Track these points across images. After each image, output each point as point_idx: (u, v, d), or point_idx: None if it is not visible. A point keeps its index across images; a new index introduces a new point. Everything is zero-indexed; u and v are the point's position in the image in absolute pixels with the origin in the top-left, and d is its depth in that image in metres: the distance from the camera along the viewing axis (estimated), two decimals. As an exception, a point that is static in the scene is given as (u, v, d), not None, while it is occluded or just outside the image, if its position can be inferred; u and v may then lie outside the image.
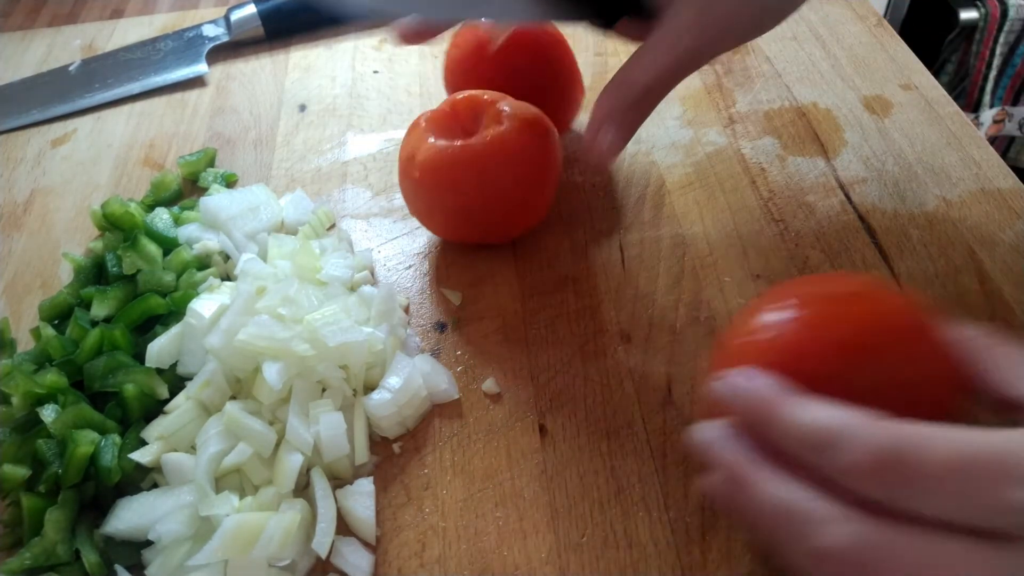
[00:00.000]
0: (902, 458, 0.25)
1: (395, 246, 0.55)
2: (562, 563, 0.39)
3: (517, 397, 0.46)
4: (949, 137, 0.58)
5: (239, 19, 0.73)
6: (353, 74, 0.70)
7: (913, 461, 0.25)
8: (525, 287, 0.51)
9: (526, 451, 0.43)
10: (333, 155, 0.62)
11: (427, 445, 0.44)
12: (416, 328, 0.50)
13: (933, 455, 0.25)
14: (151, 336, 0.46)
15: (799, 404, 0.28)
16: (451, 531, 0.40)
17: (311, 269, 0.49)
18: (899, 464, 0.25)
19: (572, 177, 0.58)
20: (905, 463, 0.25)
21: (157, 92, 0.70)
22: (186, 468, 0.41)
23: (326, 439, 0.41)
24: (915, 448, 0.25)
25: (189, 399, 0.43)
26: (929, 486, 0.25)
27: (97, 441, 0.42)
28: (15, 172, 0.64)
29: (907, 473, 0.25)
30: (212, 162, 0.62)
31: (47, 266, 0.57)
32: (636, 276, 0.51)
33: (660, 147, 0.60)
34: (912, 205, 0.54)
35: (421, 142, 0.48)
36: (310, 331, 0.43)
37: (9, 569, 0.39)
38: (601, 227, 0.54)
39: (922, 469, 0.25)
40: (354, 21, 0.75)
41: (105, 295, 0.49)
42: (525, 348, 0.48)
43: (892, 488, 0.25)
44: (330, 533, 0.39)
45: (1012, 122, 1.33)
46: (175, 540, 0.39)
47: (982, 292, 0.48)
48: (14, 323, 0.53)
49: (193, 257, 0.52)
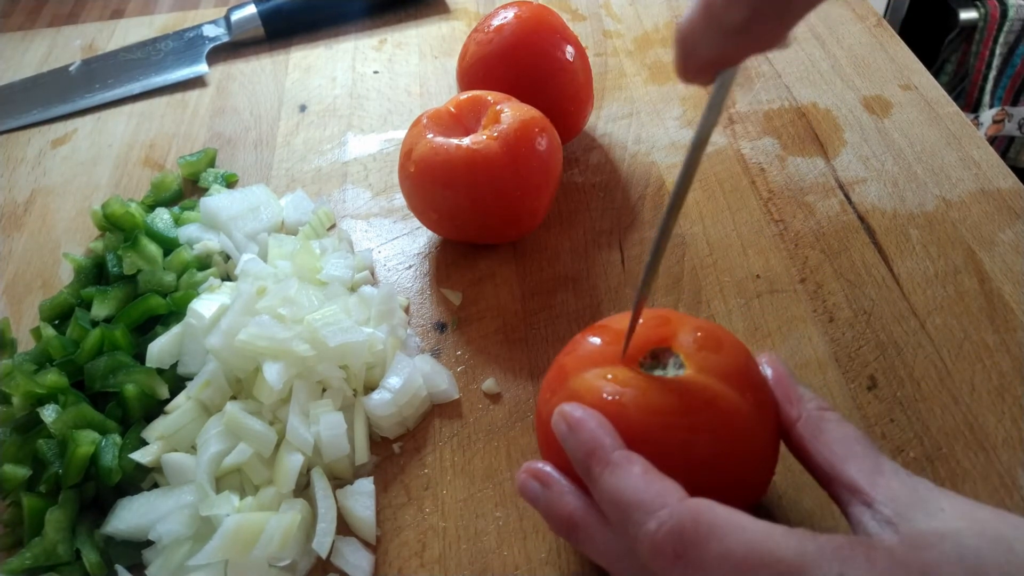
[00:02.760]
0: (693, 545, 0.26)
1: (395, 246, 0.55)
2: (562, 563, 0.39)
3: (517, 397, 0.46)
4: (949, 137, 0.58)
5: (239, 19, 0.73)
6: (353, 74, 0.70)
7: (701, 552, 0.26)
8: (525, 287, 0.51)
9: (526, 451, 0.43)
10: (333, 155, 0.63)
11: (427, 445, 0.44)
12: (416, 328, 0.50)
13: (722, 548, 0.26)
14: (151, 336, 0.46)
15: (614, 467, 0.29)
16: (451, 531, 0.40)
17: (311, 269, 0.49)
18: (688, 551, 0.26)
19: (572, 177, 0.58)
20: (694, 551, 0.26)
21: (157, 92, 0.70)
22: (186, 468, 0.41)
23: (326, 439, 0.41)
24: (706, 537, 0.26)
25: (189, 399, 0.43)
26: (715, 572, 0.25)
27: (97, 441, 0.42)
28: (15, 172, 0.64)
29: (694, 562, 0.26)
30: (212, 162, 0.62)
31: (47, 266, 0.57)
32: (636, 276, 0.51)
33: (660, 147, 0.60)
34: (912, 205, 0.54)
35: (420, 139, 0.48)
36: (310, 331, 0.43)
37: (9, 569, 0.39)
38: (601, 227, 0.54)
39: (707, 562, 0.26)
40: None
41: (105, 295, 0.49)
42: (525, 348, 0.48)
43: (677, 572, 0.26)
44: (330, 533, 0.39)
45: (1012, 122, 1.33)
46: (175, 540, 0.39)
47: (982, 292, 0.48)
48: (14, 323, 0.53)
49: (193, 257, 0.52)
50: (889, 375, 0.45)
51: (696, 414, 0.31)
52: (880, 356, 0.45)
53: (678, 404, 0.31)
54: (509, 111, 0.48)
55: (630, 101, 0.64)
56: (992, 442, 0.41)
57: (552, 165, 0.49)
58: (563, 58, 0.54)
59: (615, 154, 0.60)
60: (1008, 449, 0.41)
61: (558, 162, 0.50)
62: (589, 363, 0.34)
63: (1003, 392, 0.43)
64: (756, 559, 0.25)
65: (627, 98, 0.65)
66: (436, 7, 0.77)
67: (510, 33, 0.54)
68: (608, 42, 0.71)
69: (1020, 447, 0.41)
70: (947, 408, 0.43)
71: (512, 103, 0.49)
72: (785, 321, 0.48)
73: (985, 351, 0.45)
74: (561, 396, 0.33)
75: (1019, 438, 0.41)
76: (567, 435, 0.31)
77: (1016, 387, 0.43)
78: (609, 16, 0.74)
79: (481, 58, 0.54)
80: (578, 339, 0.37)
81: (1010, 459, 0.41)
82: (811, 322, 0.48)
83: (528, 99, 0.51)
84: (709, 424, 0.31)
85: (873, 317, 0.47)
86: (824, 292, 0.49)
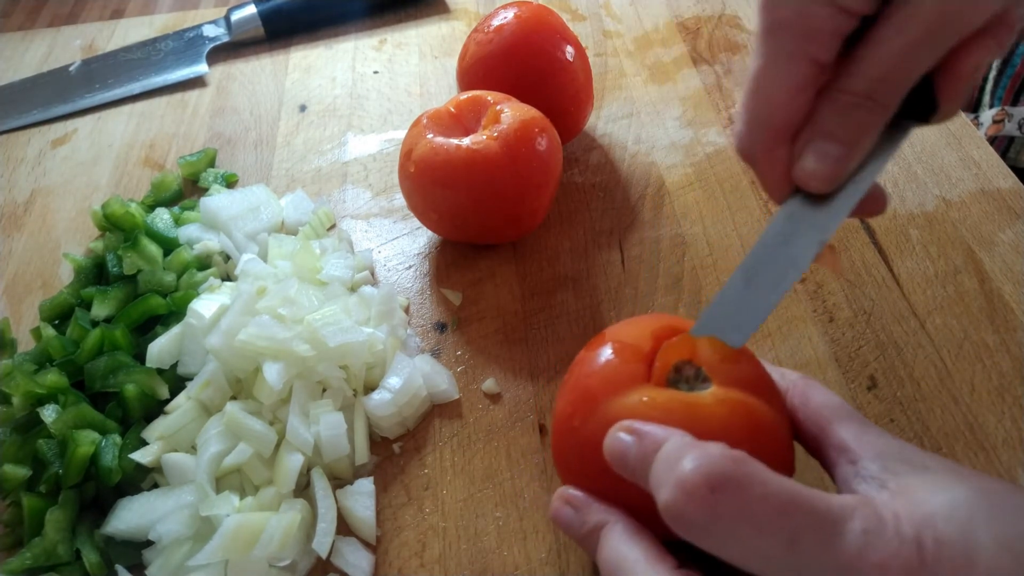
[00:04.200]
0: (734, 482, 0.25)
1: (395, 246, 0.55)
2: (562, 563, 0.39)
3: (517, 397, 0.46)
4: (949, 137, 0.58)
5: (239, 19, 0.73)
6: (353, 74, 0.70)
7: (743, 490, 0.25)
8: (525, 287, 0.51)
9: (526, 451, 0.43)
10: (333, 155, 0.62)
11: (427, 445, 0.44)
12: (416, 328, 0.50)
13: (766, 491, 0.25)
14: (151, 336, 0.46)
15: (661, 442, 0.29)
16: (451, 531, 0.40)
17: (311, 269, 0.49)
18: (727, 485, 0.25)
19: (572, 177, 0.58)
20: (734, 487, 0.25)
21: (157, 92, 0.70)
22: (186, 468, 0.41)
23: (326, 439, 0.41)
24: (750, 479, 0.26)
25: (189, 399, 0.43)
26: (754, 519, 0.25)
27: (98, 441, 0.42)
28: (15, 172, 0.64)
29: (730, 498, 0.25)
30: (212, 162, 0.62)
31: (47, 266, 0.57)
32: (636, 276, 0.51)
33: (660, 147, 0.60)
34: (912, 205, 0.54)
35: (419, 139, 0.48)
36: (310, 331, 0.43)
37: (9, 569, 0.39)
38: (601, 227, 0.54)
39: (747, 501, 0.25)
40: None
41: (106, 295, 0.49)
42: (525, 348, 0.48)
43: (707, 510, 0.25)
44: (330, 533, 0.39)
45: (1012, 122, 1.33)
46: (175, 540, 0.39)
47: (982, 292, 0.48)
48: (14, 323, 0.53)
49: (193, 257, 0.52)
50: (889, 375, 0.45)
51: (736, 431, 0.31)
52: (880, 356, 0.45)
53: (720, 423, 0.31)
54: (509, 111, 0.48)
55: (630, 101, 0.64)
56: (992, 442, 0.41)
57: (552, 165, 0.49)
58: (563, 58, 0.54)
59: (615, 154, 0.60)
60: (1008, 449, 0.41)
61: (558, 162, 0.50)
62: (616, 384, 0.33)
63: (1003, 392, 0.43)
64: (797, 505, 0.25)
65: (627, 98, 0.65)
66: (436, 7, 0.77)
67: (510, 33, 0.54)
68: (608, 42, 0.71)
69: (1020, 447, 0.41)
70: (947, 408, 0.43)
71: (512, 103, 0.49)
72: (785, 321, 0.48)
73: (985, 351, 0.45)
74: (598, 422, 0.32)
75: (1019, 438, 0.41)
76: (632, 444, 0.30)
77: (1016, 387, 0.43)
78: (609, 16, 0.74)
79: (481, 58, 0.54)
80: (591, 356, 0.35)
81: (1010, 459, 0.41)
82: (811, 322, 0.48)
83: (528, 99, 0.51)
84: (749, 439, 0.31)
85: (873, 317, 0.47)
86: (824, 292, 0.49)
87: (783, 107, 0.31)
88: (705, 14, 0.72)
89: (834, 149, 0.30)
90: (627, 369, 0.33)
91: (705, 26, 0.71)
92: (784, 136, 0.31)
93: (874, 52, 0.29)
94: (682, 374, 0.33)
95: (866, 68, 0.29)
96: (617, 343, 0.35)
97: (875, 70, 0.29)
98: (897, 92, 0.29)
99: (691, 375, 0.33)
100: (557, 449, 0.35)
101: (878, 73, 0.29)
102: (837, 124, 0.30)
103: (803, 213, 0.32)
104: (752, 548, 0.25)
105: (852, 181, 0.31)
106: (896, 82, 0.29)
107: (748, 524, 0.25)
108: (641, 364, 0.33)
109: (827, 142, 0.30)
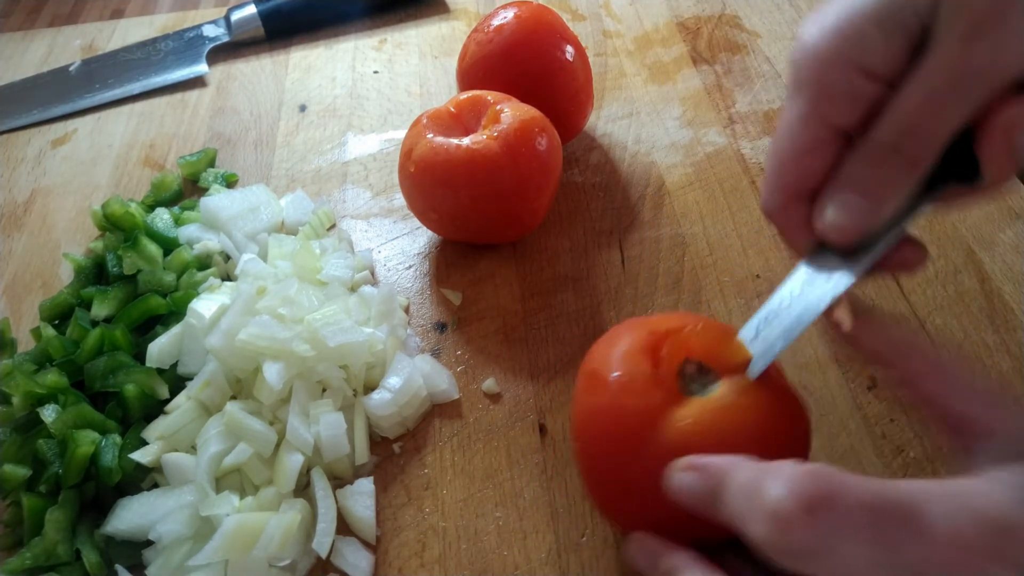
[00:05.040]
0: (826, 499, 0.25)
1: (395, 246, 0.55)
2: (562, 563, 0.39)
3: (517, 397, 0.46)
4: (949, 137, 0.58)
5: (239, 19, 0.73)
6: (353, 74, 0.70)
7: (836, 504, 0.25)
8: (525, 287, 0.51)
9: (526, 451, 0.43)
10: (333, 155, 0.63)
11: (427, 445, 0.44)
12: (416, 328, 0.50)
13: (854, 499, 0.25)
14: (151, 336, 0.46)
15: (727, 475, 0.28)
16: (451, 531, 0.40)
17: (311, 269, 0.49)
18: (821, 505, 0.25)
19: (572, 177, 0.58)
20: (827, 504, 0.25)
21: (157, 92, 0.70)
22: (186, 468, 0.41)
23: (326, 439, 0.41)
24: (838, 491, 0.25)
25: (189, 399, 0.43)
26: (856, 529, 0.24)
27: (97, 441, 0.42)
28: (15, 172, 0.64)
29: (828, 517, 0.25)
30: (212, 162, 0.62)
31: (47, 266, 0.57)
32: (636, 276, 0.51)
33: (660, 147, 0.60)
34: (912, 205, 0.54)
35: (419, 138, 0.48)
36: (310, 331, 0.43)
37: (9, 569, 0.39)
38: (601, 227, 0.54)
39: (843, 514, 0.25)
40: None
41: (105, 295, 0.49)
42: (525, 348, 0.48)
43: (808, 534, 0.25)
44: (330, 533, 0.39)
45: (1012, 122, 1.33)
46: (175, 540, 0.39)
47: (982, 292, 0.48)
48: (14, 323, 0.53)
49: (193, 257, 0.52)
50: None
51: (763, 440, 0.31)
52: (880, 356, 0.45)
53: (756, 420, 0.32)
54: (509, 111, 0.48)
55: (630, 101, 0.64)
56: (992, 442, 0.41)
57: (552, 165, 0.49)
58: (563, 58, 0.54)
59: (615, 154, 0.60)
60: (1008, 449, 0.41)
61: (558, 162, 0.50)
62: (647, 410, 0.33)
63: (1003, 392, 0.43)
64: (886, 503, 0.24)
65: (627, 98, 0.65)
66: (436, 7, 0.77)
67: (510, 33, 0.54)
68: (608, 42, 0.71)
69: (1020, 447, 0.41)
70: (947, 408, 0.43)
71: (512, 103, 0.49)
72: (785, 321, 0.48)
73: (985, 351, 0.45)
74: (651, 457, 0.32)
75: (1019, 438, 0.41)
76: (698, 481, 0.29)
77: (1016, 387, 0.43)
78: (609, 16, 0.74)
79: (481, 58, 0.54)
80: (604, 369, 0.34)
81: (1010, 459, 0.40)
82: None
83: (528, 99, 0.51)
84: (783, 431, 0.32)
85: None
86: (824, 292, 0.49)
87: (796, 168, 0.30)
88: (705, 14, 0.72)
89: (856, 201, 0.29)
90: (645, 385, 0.33)
91: (705, 26, 0.71)
92: (798, 195, 0.31)
93: (901, 103, 0.28)
94: (686, 373, 0.34)
95: (892, 119, 0.28)
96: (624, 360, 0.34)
97: (901, 122, 0.28)
98: (926, 146, 0.28)
99: (693, 372, 0.33)
100: (600, 485, 0.35)
101: (904, 125, 0.28)
102: (862, 175, 0.29)
103: (821, 268, 0.31)
104: (856, 558, 0.24)
105: (880, 238, 0.30)
106: (924, 135, 0.28)
107: (851, 537, 0.24)
108: (652, 367, 0.34)
109: (850, 193, 0.29)
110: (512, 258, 0.53)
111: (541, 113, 0.49)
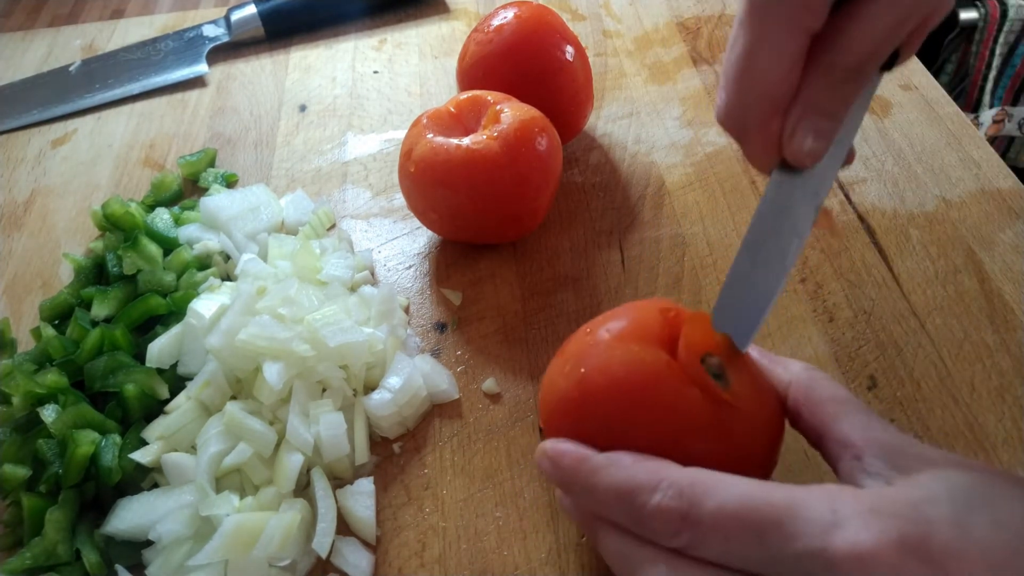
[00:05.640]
0: (695, 504, 0.27)
1: (395, 246, 0.55)
2: (562, 563, 0.39)
3: (517, 397, 0.46)
4: (949, 137, 0.58)
5: (239, 19, 0.73)
6: (353, 74, 0.70)
7: (700, 509, 0.27)
8: (525, 287, 0.51)
9: (526, 451, 0.43)
10: (333, 155, 0.63)
11: (427, 445, 0.44)
12: (416, 328, 0.50)
13: (718, 502, 0.27)
14: (151, 336, 0.46)
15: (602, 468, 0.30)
16: (451, 531, 0.40)
17: (311, 269, 0.49)
18: (691, 511, 0.27)
19: (572, 177, 0.58)
20: (695, 511, 0.27)
21: (157, 92, 0.70)
22: (186, 468, 0.41)
23: (326, 439, 0.41)
24: (704, 495, 0.27)
25: (189, 399, 0.43)
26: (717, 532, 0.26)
27: (97, 441, 0.42)
28: (15, 172, 0.64)
29: (696, 520, 0.27)
30: (212, 162, 0.62)
31: (47, 266, 0.57)
32: (636, 276, 0.51)
33: (660, 147, 0.60)
34: (912, 205, 0.54)
35: (419, 139, 0.48)
36: (310, 331, 0.43)
37: (9, 569, 0.39)
38: (601, 227, 0.54)
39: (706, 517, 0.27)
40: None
41: (105, 295, 0.49)
42: (525, 348, 0.48)
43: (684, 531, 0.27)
44: (330, 533, 0.39)
45: (1012, 122, 1.33)
46: (175, 540, 0.39)
47: (982, 292, 0.48)
48: (14, 323, 0.53)
49: (193, 257, 0.52)
50: (889, 375, 0.45)
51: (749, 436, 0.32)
52: (880, 356, 0.45)
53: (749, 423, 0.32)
54: (509, 111, 0.48)
55: (630, 101, 0.64)
56: (992, 442, 0.41)
57: (552, 165, 0.49)
58: (563, 58, 0.54)
59: (615, 154, 0.60)
60: (1008, 449, 0.41)
61: (558, 162, 0.50)
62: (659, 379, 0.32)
63: (1003, 392, 0.43)
64: (751, 506, 0.26)
65: (627, 98, 0.65)
66: (436, 7, 0.77)
67: (510, 33, 0.54)
68: (608, 42, 0.71)
69: (1020, 447, 0.41)
70: (947, 408, 0.43)
71: (512, 103, 0.49)
72: (785, 321, 0.48)
73: (985, 351, 0.45)
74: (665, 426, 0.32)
75: (1019, 438, 0.41)
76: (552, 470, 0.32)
77: (1016, 387, 0.43)
78: (609, 16, 0.74)
79: (481, 58, 0.54)
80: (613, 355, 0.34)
81: (1010, 459, 0.41)
82: (811, 322, 0.48)
83: (528, 99, 0.51)
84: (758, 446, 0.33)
85: (873, 317, 0.47)
86: (824, 292, 0.49)
87: (780, 81, 0.31)
88: (705, 14, 0.72)
89: (827, 124, 0.31)
90: (658, 360, 0.33)
91: (705, 26, 0.71)
92: (778, 109, 0.32)
93: (866, 27, 0.29)
94: (708, 365, 0.33)
95: (858, 45, 0.30)
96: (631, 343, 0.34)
97: (866, 46, 0.30)
98: (880, 62, 0.30)
99: (715, 365, 0.33)
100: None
101: (869, 48, 0.30)
102: (828, 99, 0.31)
103: (793, 182, 0.32)
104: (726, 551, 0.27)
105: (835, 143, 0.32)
106: (883, 54, 0.30)
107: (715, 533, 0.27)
108: (661, 349, 0.33)
109: (820, 118, 0.31)
110: (512, 258, 0.53)
111: (541, 113, 0.50)
